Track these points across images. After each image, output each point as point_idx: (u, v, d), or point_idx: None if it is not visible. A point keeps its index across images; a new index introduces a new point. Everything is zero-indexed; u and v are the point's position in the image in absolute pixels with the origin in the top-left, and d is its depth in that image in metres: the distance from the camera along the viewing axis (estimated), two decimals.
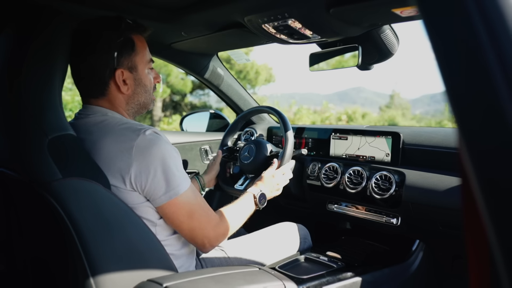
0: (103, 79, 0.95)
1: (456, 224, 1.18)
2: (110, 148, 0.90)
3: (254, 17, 1.20)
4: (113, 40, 0.93)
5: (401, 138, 1.38)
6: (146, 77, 1.02)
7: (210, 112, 2.27)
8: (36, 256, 1.02)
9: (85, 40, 0.94)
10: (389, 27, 1.33)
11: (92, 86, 0.98)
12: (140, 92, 1.01)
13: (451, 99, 0.33)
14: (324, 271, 1.15)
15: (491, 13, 0.31)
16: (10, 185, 0.97)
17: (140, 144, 0.88)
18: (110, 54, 0.93)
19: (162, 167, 0.89)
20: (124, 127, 0.92)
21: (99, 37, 0.94)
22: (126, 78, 0.97)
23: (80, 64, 0.96)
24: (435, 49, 0.33)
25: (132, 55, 0.97)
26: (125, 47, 0.95)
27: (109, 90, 0.97)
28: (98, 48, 0.93)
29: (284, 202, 1.79)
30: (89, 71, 0.96)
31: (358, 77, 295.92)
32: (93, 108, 0.98)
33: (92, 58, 0.94)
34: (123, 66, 0.96)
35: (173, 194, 0.91)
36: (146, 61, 1.01)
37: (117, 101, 0.99)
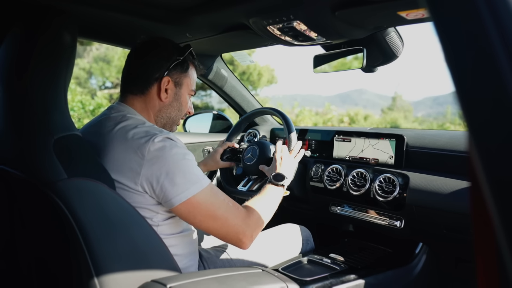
0: (149, 79, 1.03)
1: (460, 227, 1.18)
2: (124, 149, 0.91)
3: (259, 19, 1.20)
4: (174, 55, 1.05)
5: (405, 140, 1.38)
6: (184, 99, 1.11)
7: (213, 113, 2.27)
8: (40, 255, 1.02)
9: (153, 46, 1.06)
10: (394, 30, 1.32)
11: (137, 82, 1.04)
12: (174, 107, 1.08)
13: (461, 99, 0.33)
14: (327, 273, 1.15)
15: (502, 12, 0.31)
16: (14, 184, 0.97)
17: (152, 148, 0.89)
18: (167, 62, 1.04)
19: (172, 171, 0.90)
20: (143, 130, 0.93)
21: (166, 48, 1.06)
22: (169, 88, 1.05)
23: (138, 62, 1.05)
24: (445, 50, 0.33)
25: (183, 74, 1.08)
26: (181, 65, 1.07)
27: (150, 91, 1.04)
28: (160, 54, 1.04)
29: (287, 204, 1.79)
30: (142, 69, 1.04)
31: (360, 79, 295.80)
32: (124, 107, 1.03)
33: (149, 58, 1.03)
34: (171, 77, 1.05)
35: (185, 196, 0.90)
36: (191, 88, 1.12)
37: (151, 103, 1.05)
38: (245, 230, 0.97)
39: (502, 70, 0.30)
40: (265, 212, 1.06)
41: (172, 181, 0.90)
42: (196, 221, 0.94)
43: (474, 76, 0.32)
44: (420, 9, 0.95)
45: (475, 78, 0.32)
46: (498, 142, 0.31)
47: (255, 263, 1.21)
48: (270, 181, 1.18)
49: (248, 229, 0.98)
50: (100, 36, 1.63)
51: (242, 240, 0.97)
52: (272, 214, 1.11)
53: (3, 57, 0.87)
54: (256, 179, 1.54)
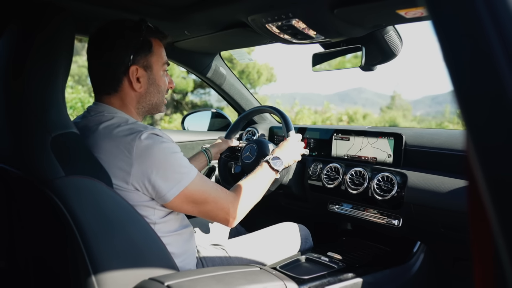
0: (117, 75, 0.98)
1: (458, 226, 1.18)
2: (111, 149, 0.90)
3: (258, 17, 1.20)
4: (132, 39, 0.97)
5: (403, 139, 1.38)
6: (160, 78, 1.05)
7: (211, 111, 2.27)
8: (38, 253, 1.02)
9: (105, 38, 0.98)
10: (393, 28, 1.32)
11: (106, 82, 1.00)
12: (153, 92, 1.04)
13: (459, 98, 0.33)
14: (325, 271, 1.15)
15: (500, 11, 0.31)
16: (12, 182, 0.97)
17: (139, 146, 0.89)
18: (127, 51, 0.97)
19: (162, 167, 0.90)
20: (127, 127, 0.92)
21: (119, 36, 0.97)
22: (140, 76, 0.99)
23: (97, 60, 1.00)
24: (444, 49, 0.33)
25: (148, 55, 1.00)
26: (142, 47, 0.98)
27: (122, 86, 0.99)
28: (116, 45, 0.97)
29: (285, 202, 1.79)
30: (105, 67, 0.99)
31: (359, 78, 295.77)
32: (102, 106, 1.00)
33: (109, 54, 0.97)
34: (138, 64, 0.99)
35: (177, 189, 0.92)
36: (162, 63, 1.04)
37: (128, 98, 1.01)
38: (233, 211, 1.02)
39: (500, 69, 0.30)
40: (254, 193, 1.10)
41: (164, 177, 0.90)
42: (188, 209, 0.97)
43: (472, 75, 0.32)
44: (419, 7, 0.95)
45: (473, 77, 0.32)
46: (496, 141, 0.31)
47: (253, 261, 1.21)
48: (267, 161, 1.19)
49: (236, 210, 1.02)
50: None
51: (229, 220, 1.02)
52: (261, 195, 1.14)
53: (0, 55, 0.86)
54: None
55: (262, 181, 1.15)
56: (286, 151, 1.27)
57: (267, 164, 1.18)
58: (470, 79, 0.32)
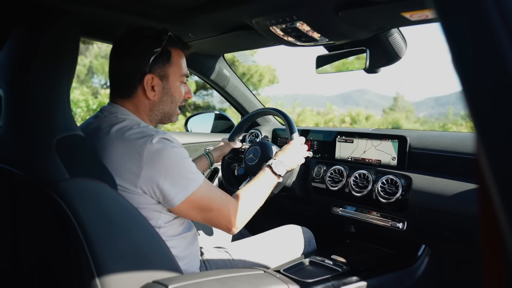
0: (132, 82, 0.99)
1: (463, 229, 1.17)
2: (122, 151, 0.91)
3: (262, 19, 1.20)
4: (151, 47, 0.98)
5: (407, 142, 1.37)
6: (176, 89, 1.05)
7: (215, 113, 2.27)
8: (41, 255, 1.02)
9: (127, 44, 1.00)
10: (397, 31, 1.32)
11: (121, 87, 1.01)
12: (167, 101, 1.04)
13: (469, 101, 0.32)
14: (329, 275, 1.14)
15: (511, 12, 0.30)
16: (16, 184, 0.97)
17: (150, 150, 0.89)
18: (145, 59, 0.98)
19: (171, 172, 0.91)
20: (138, 130, 0.93)
21: (139, 42, 0.99)
22: (155, 85, 1.00)
23: (117, 64, 1.01)
24: (453, 51, 0.33)
25: (166, 65, 1.01)
26: (160, 56, 0.99)
27: (136, 93, 1.01)
28: (134, 51, 0.98)
29: (289, 205, 1.79)
30: (122, 71, 1.00)
31: (361, 79, 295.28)
32: (116, 108, 1.01)
33: (127, 59, 0.99)
34: (154, 73, 1.00)
35: (184, 194, 0.92)
36: (180, 75, 1.05)
37: (141, 105, 1.02)
38: (234, 220, 1.01)
39: (511, 69, 0.30)
40: (256, 200, 1.09)
41: (172, 182, 0.91)
42: (193, 215, 0.97)
43: (482, 78, 0.32)
44: (425, 10, 0.95)
45: (483, 77, 0.32)
46: (506, 141, 0.31)
47: (257, 264, 1.21)
48: (269, 166, 1.18)
49: (238, 220, 1.02)
50: (103, 36, 1.63)
51: (231, 228, 1.02)
52: (263, 201, 1.13)
53: (5, 57, 0.87)
54: None
55: (264, 187, 1.14)
56: (289, 154, 1.26)
57: (269, 168, 1.17)
58: (480, 82, 0.32)
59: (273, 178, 1.16)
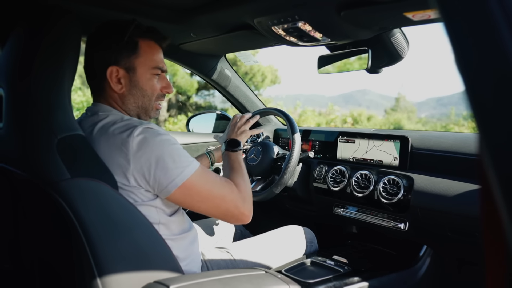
0: (98, 75, 0.98)
1: (465, 230, 1.17)
2: (109, 147, 0.90)
3: (264, 19, 1.20)
4: (116, 39, 0.96)
5: (409, 142, 1.36)
6: (145, 82, 1.00)
7: (216, 113, 2.26)
8: (43, 255, 1.02)
9: (94, 37, 0.99)
10: (399, 31, 1.32)
11: (92, 81, 1.01)
12: (136, 94, 1.00)
13: (472, 101, 0.32)
14: (330, 275, 1.14)
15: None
16: (17, 184, 0.97)
17: (134, 141, 0.88)
18: (108, 50, 0.96)
19: (161, 158, 0.89)
20: (122, 124, 0.92)
21: (105, 35, 0.97)
22: (121, 77, 0.98)
23: (87, 59, 1.00)
24: (456, 52, 0.33)
25: (132, 56, 0.97)
26: (125, 48, 0.96)
27: (103, 86, 0.99)
28: (101, 44, 0.97)
29: (290, 205, 1.78)
30: (91, 65, 0.99)
31: (363, 80, 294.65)
32: (98, 106, 1.01)
33: (94, 53, 0.98)
34: (119, 65, 0.97)
35: (180, 180, 0.90)
36: (150, 67, 1.00)
37: (112, 98, 1.00)
38: (243, 203, 0.99)
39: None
40: (245, 180, 1.06)
41: (164, 168, 0.89)
42: (194, 203, 0.94)
43: (486, 78, 0.32)
44: (427, 10, 0.94)
45: (487, 79, 0.32)
46: (510, 142, 0.31)
47: (258, 264, 1.21)
48: (227, 150, 1.18)
49: (245, 201, 1.00)
50: None
51: (244, 213, 0.99)
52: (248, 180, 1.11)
53: (6, 56, 0.87)
54: (259, 179, 1.54)
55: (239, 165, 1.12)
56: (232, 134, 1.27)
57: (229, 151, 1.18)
58: (484, 82, 0.32)
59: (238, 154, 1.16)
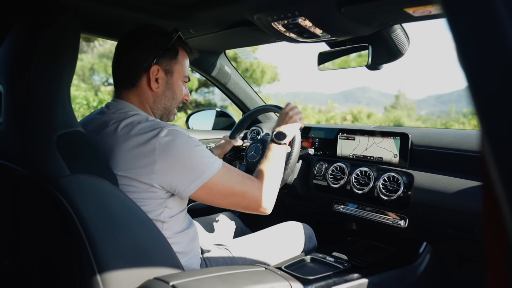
0: (138, 70, 1.01)
1: (465, 226, 1.17)
2: (133, 146, 0.91)
3: (263, 15, 1.19)
4: (161, 42, 1.02)
5: (409, 139, 1.36)
6: (178, 86, 1.07)
7: (216, 110, 2.26)
8: (43, 252, 1.02)
9: (139, 35, 1.02)
10: (400, 27, 1.31)
11: (126, 75, 1.03)
12: (168, 96, 1.06)
13: (475, 97, 0.32)
14: (330, 272, 1.14)
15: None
16: (17, 180, 0.97)
17: (161, 142, 0.90)
18: (153, 51, 1.01)
19: (187, 161, 0.92)
20: (147, 124, 0.93)
21: (149, 36, 1.02)
22: (159, 77, 1.02)
23: (125, 53, 1.03)
24: (459, 48, 0.32)
25: (172, 61, 1.04)
26: (168, 52, 1.03)
27: (140, 82, 1.02)
28: (145, 43, 1.01)
29: (290, 202, 1.78)
30: (129, 61, 1.02)
31: (363, 77, 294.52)
32: (122, 103, 1.02)
33: (136, 50, 1.01)
34: (160, 65, 1.02)
35: (202, 180, 0.93)
36: (183, 75, 1.08)
37: (145, 95, 1.03)
38: (264, 197, 1.02)
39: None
40: (276, 174, 1.11)
41: (188, 169, 0.92)
42: (215, 200, 0.98)
43: (488, 73, 0.31)
44: (428, 5, 0.94)
45: (490, 74, 0.31)
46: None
47: (257, 261, 1.21)
48: (271, 140, 1.20)
49: (266, 196, 1.03)
50: (104, 32, 1.62)
51: (263, 206, 1.03)
52: (282, 174, 1.15)
53: (5, 53, 0.86)
54: None
55: (276, 159, 1.15)
56: (283, 122, 1.27)
57: (272, 143, 1.19)
58: (486, 75, 0.32)
59: (279, 148, 1.18)
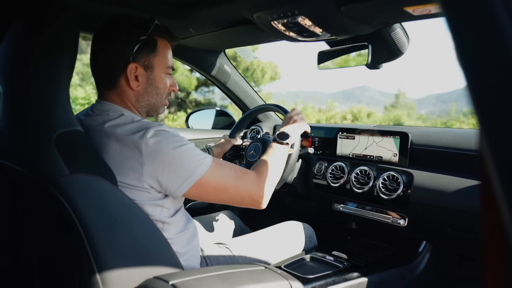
0: (116, 70, 0.96)
1: (464, 225, 1.17)
2: (121, 149, 0.89)
3: (263, 14, 1.19)
4: (137, 35, 0.95)
5: (409, 138, 1.36)
6: (160, 80, 1.02)
7: (216, 110, 2.26)
8: (42, 251, 1.02)
9: (110, 31, 0.96)
10: (399, 26, 1.31)
11: (105, 76, 0.99)
12: (151, 92, 1.01)
13: (474, 98, 0.32)
14: (330, 271, 1.14)
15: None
16: (16, 180, 0.97)
17: (148, 143, 0.88)
18: (129, 46, 0.94)
19: (175, 161, 0.90)
20: (134, 126, 0.91)
21: (124, 30, 0.95)
22: (138, 75, 0.97)
23: (100, 52, 0.97)
24: (458, 48, 0.32)
25: (151, 54, 0.98)
26: (146, 46, 0.96)
27: (120, 82, 0.97)
28: (120, 39, 0.95)
29: (290, 201, 1.78)
30: (106, 60, 0.97)
31: (363, 76, 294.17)
32: (107, 105, 0.99)
33: (111, 48, 0.95)
34: (138, 62, 0.96)
35: (193, 179, 0.92)
36: (165, 66, 1.02)
37: (126, 95, 0.99)
38: (258, 191, 1.01)
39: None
40: (273, 170, 1.09)
41: (177, 170, 0.90)
42: (209, 197, 0.97)
43: (488, 71, 0.31)
44: (427, 4, 0.94)
45: (489, 73, 0.31)
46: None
47: (257, 260, 1.21)
48: (274, 140, 1.19)
49: (261, 190, 1.02)
50: None
51: (258, 201, 1.02)
52: (281, 172, 1.14)
53: (5, 52, 0.86)
54: None
55: (276, 156, 1.14)
56: (287, 124, 1.27)
57: (274, 142, 1.18)
58: (485, 73, 0.32)
59: (281, 147, 1.17)
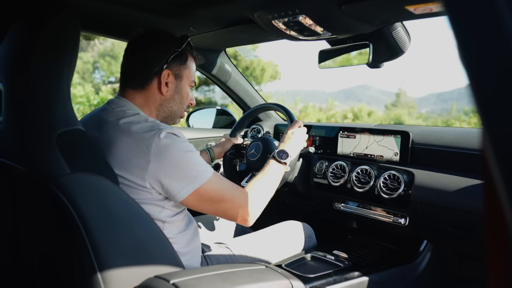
0: (149, 73, 1.02)
1: (465, 225, 1.17)
2: (130, 145, 0.91)
3: (264, 13, 1.19)
4: (173, 47, 1.03)
5: (410, 137, 1.36)
6: (186, 91, 1.09)
7: (216, 109, 2.26)
8: (43, 250, 1.02)
9: (150, 38, 1.04)
10: (401, 25, 1.31)
11: (136, 76, 1.03)
12: (176, 100, 1.07)
13: (477, 97, 0.32)
14: (330, 270, 1.14)
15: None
16: (17, 179, 0.97)
17: (158, 144, 0.90)
18: (166, 55, 1.02)
19: (180, 166, 0.92)
20: (147, 125, 0.93)
21: (163, 41, 1.04)
22: (169, 82, 1.04)
23: (136, 56, 1.04)
24: (461, 47, 0.32)
25: (182, 66, 1.06)
26: (179, 57, 1.05)
27: (150, 85, 1.03)
28: (157, 47, 1.03)
29: (291, 200, 1.78)
30: (140, 63, 1.02)
31: (363, 75, 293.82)
32: (125, 102, 1.02)
33: (148, 52, 1.02)
34: (171, 70, 1.04)
35: (192, 187, 0.93)
36: (191, 79, 1.10)
37: (152, 98, 1.04)
38: (250, 209, 1.03)
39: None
40: (267, 191, 1.11)
41: (180, 175, 0.92)
42: (203, 207, 0.99)
43: (489, 69, 0.31)
44: (429, 3, 0.93)
45: (491, 71, 0.31)
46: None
47: (258, 259, 1.21)
48: (273, 157, 1.19)
49: (252, 208, 1.04)
50: (104, 30, 1.62)
51: (247, 219, 1.04)
52: (274, 191, 1.14)
53: (5, 51, 0.86)
54: None
55: (272, 176, 1.15)
56: (288, 141, 1.27)
57: (273, 159, 1.18)
58: (487, 71, 0.31)
59: (279, 167, 1.18)
